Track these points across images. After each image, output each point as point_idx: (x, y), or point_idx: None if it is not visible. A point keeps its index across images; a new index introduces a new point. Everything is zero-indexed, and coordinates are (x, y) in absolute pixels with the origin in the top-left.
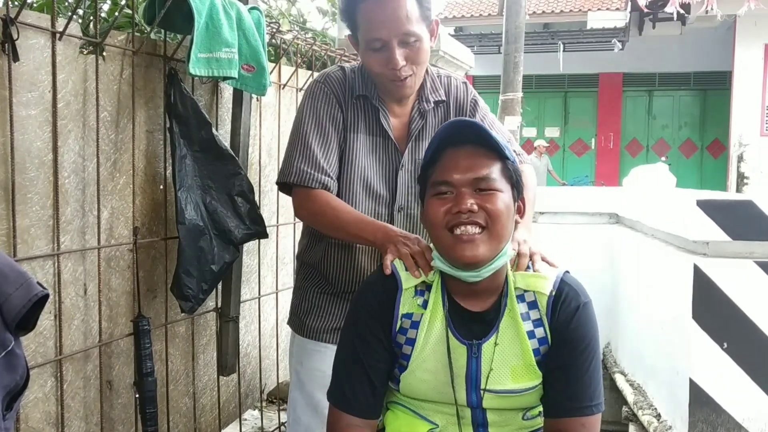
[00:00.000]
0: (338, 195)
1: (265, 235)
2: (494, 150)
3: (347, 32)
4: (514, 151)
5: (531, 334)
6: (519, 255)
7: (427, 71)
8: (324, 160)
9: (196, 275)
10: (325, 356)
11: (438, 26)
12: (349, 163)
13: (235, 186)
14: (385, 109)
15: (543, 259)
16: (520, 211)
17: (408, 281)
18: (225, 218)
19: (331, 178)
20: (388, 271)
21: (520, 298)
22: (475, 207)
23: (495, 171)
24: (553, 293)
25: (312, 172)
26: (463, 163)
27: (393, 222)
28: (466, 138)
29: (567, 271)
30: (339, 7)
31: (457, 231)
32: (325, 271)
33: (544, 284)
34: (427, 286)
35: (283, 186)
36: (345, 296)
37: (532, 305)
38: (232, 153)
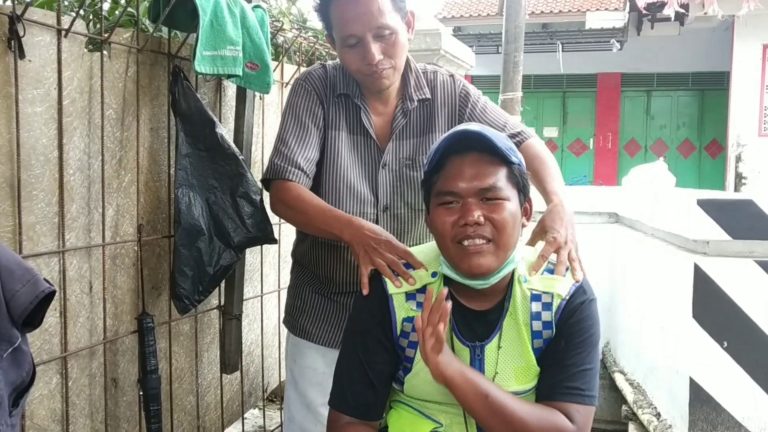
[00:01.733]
0: (322, 194)
1: (273, 241)
2: (499, 155)
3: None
4: (520, 132)
5: (538, 335)
6: (558, 262)
7: (410, 68)
8: (300, 155)
9: (190, 276)
10: (317, 354)
11: (414, 18)
12: (331, 161)
13: (239, 187)
14: (366, 107)
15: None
16: (527, 214)
17: (393, 288)
18: (225, 220)
19: (305, 173)
20: (366, 291)
21: (536, 297)
22: (482, 219)
23: (501, 179)
24: (567, 298)
25: (285, 165)
26: (468, 172)
27: (378, 222)
28: (470, 145)
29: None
30: (313, 7)
31: (465, 243)
32: (314, 269)
33: (560, 286)
34: (420, 290)
35: (265, 184)
36: (336, 296)
37: (547, 306)
38: (237, 152)
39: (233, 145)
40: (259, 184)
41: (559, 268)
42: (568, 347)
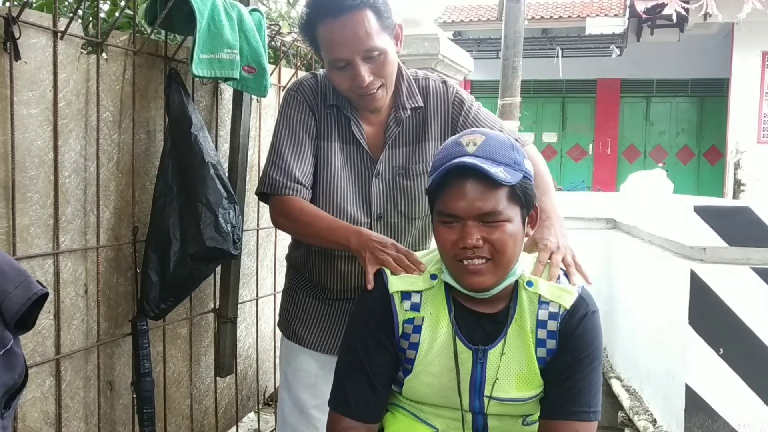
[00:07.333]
0: (317, 204)
1: (229, 255)
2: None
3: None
4: (516, 140)
5: (542, 343)
6: (551, 264)
7: (402, 76)
8: (297, 169)
9: (155, 281)
10: (311, 357)
11: (402, 30)
12: (325, 171)
13: (201, 193)
14: (357, 118)
15: (578, 270)
16: (533, 221)
17: (393, 286)
18: (187, 227)
19: (305, 187)
20: (370, 286)
21: (543, 305)
22: (480, 242)
23: (502, 201)
24: (569, 308)
25: (284, 180)
26: (469, 195)
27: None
28: (471, 170)
29: (582, 286)
30: (299, 26)
31: (465, 262)
32: (308, 274)
33: (567, 298)
34: (416, 291)
35: (262, 196)
36: (330, 302)
37: (553, 316)
38: (210, 156)
39: (207, 148)
40: (252, 186)
41: (552, 271)
42: (573, 364)
